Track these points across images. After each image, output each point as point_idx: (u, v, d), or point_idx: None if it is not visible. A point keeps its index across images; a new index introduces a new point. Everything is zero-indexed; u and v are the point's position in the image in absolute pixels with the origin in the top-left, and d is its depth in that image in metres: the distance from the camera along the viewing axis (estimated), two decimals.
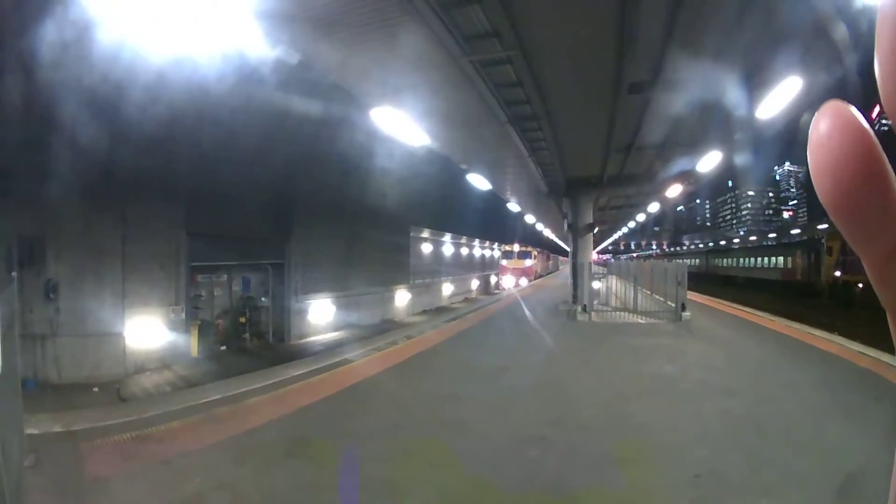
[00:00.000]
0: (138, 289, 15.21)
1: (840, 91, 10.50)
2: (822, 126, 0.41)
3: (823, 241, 35.59)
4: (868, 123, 0.41)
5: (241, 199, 17.63)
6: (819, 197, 0.42)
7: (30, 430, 6.54)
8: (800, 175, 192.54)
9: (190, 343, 17.09)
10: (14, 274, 6.49)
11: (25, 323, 11.82)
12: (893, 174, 0.41)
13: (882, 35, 0.39)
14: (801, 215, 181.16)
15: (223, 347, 19.08)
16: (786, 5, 8.06)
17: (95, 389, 13.12)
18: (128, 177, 13.78)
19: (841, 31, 7.78)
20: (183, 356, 16.38)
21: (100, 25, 8.36)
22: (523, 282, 51.58)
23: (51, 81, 10.78)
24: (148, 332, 15.32)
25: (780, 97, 10.89)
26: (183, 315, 16.61)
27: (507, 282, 53.24)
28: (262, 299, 21.50)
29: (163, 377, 14.73)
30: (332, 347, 16.73)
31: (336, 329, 23.93)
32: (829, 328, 16.61)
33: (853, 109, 0.41)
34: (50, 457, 6.31)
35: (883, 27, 0.39)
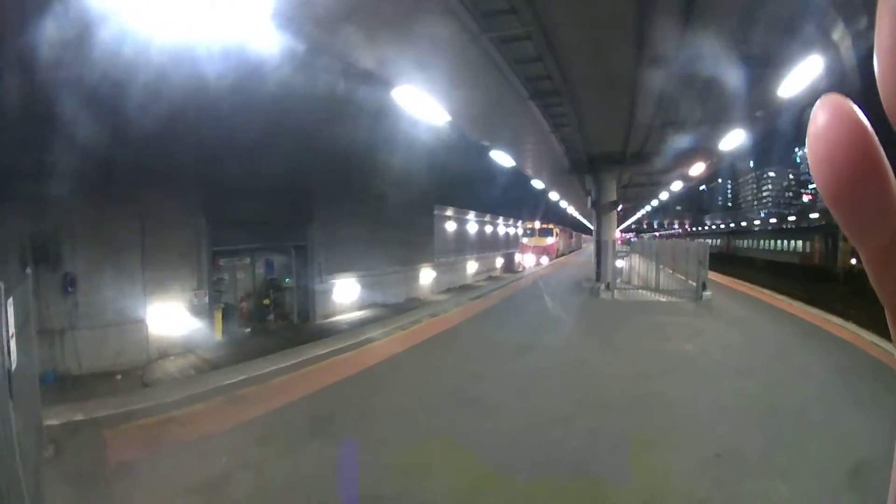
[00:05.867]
0: (159, 276, 15.39)
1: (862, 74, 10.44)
2: (821, 118, 0.42)
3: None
4: (866, 117, 0.41)
5: (262, 184, 17.65)
6: (818, 188, 0.42)
7: (50, 421, 6.63)
8: None
9: (214, 326, 17.33)
10: (28, 271, 6.57)
11: (43, 318, 11.90)
12: (890, 168, 0.41)
13: (881, 30, 0.39)
14: (819, 200, 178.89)
15: (247, 330, 19.28)
16: None
17: (118, 377, 13.38)
18: (145, 167, 13.85)
19: (863, 14, 7.65)
20: (207, 340, 16.57)
21: (112, 15, 8.42)
22: (544, 260, 50.44)
23: (66, 74, 10.83)
24: (171, 317, 15.53)
25: (801, 76, 10.91)
26: (206, 299, 16.81)
27: (528, 260, 51.81)
28: (286, 280, 21.65)
29: (187, 361, 14.94)
30: (357, 326, 16.86)
31: (360, 308, 24.15)
32: (844, 315, 16.42)
33: (851, 103, 0.41)
34: (72, 445, 6.36)
35: (882, 22, 0.39)
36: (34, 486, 4.42)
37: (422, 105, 12.33)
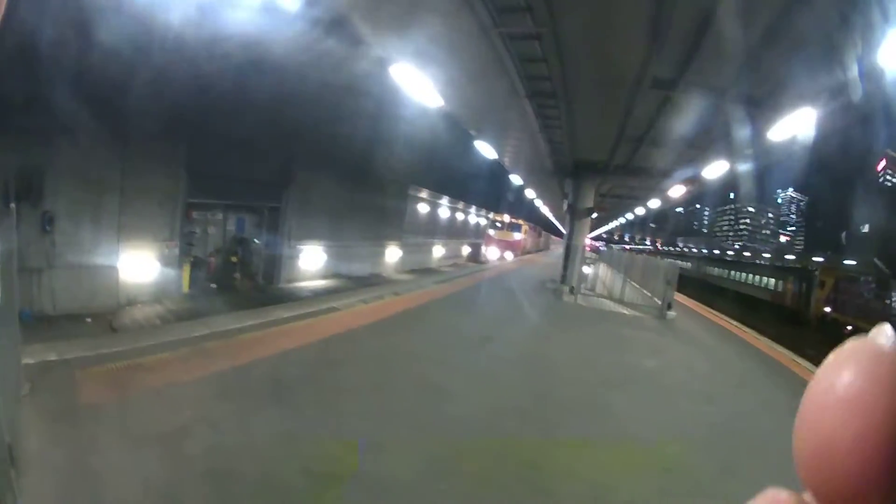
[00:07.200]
0: (134, 223, 15.01)
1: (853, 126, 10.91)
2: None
3: (817, 273, 35.60)
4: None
5: (244, 141, 17.40)
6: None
7: (25, 360, 6.59)
8: (801, 203, 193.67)
9: (182, 278, 17.16)
10: (12, 206, 6.49)
11: (22, 255, 11.67)
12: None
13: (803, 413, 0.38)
14: (797, 242, 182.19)
15: (214, 285, 19.09)
16: (809, 39, 8.26)
17: (88, 320, 13.11)
18: (129, 111, 13.56)
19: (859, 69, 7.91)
20: (174, 291, 16.44)
21: None
22: (509, 256, 50.44)
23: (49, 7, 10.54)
24: (142, 265, 15.26)
25: (791, 123, 11.45)
26: (177, 251, 16.58)
27: (493, 253, 51.25)
28: (255, 241, 21.45)
29: (154, 310, 14.76)
30: (321, 294, 16.98)
31: (325, 277, 24.14)
32: (814, 361, 16.64)
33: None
34: (46, 385, 6.38)
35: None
36: (12, 423, 4.38)
37: (417, 86, 12.44)
